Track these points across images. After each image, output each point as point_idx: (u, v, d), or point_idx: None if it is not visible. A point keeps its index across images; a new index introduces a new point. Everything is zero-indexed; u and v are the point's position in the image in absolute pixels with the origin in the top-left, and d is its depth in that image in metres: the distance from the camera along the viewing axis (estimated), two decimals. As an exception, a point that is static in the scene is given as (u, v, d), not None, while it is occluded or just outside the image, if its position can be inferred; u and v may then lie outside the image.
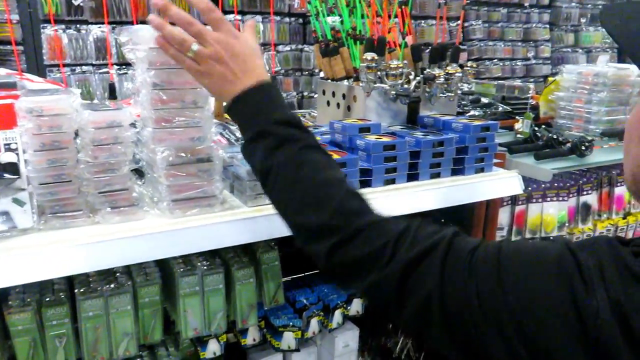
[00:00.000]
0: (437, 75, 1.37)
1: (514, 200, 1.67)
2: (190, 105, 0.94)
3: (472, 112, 1.70)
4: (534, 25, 6.02)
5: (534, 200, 1.70)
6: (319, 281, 1.49)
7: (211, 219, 0.98)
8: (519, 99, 2.08)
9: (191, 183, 0.98)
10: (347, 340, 1.49)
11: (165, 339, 1.22)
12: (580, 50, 6.59)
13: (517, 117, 1.84)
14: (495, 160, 1.36)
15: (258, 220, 1.01)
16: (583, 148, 1.50)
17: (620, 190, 1.93)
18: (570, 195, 1.79)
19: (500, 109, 1.86)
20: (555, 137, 1.57)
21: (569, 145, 1.53)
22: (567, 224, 1.81)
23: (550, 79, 2.09)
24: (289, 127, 0.76)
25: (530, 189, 1.68)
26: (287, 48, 4.32)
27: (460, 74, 1.41)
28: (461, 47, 5.45)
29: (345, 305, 1.44)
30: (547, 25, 6.15)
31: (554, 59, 6.26)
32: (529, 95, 1.90)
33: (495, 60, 5.75)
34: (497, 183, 1.27)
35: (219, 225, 0.98)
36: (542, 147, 1.57)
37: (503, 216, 1.66)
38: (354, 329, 1.50)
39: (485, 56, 5.63)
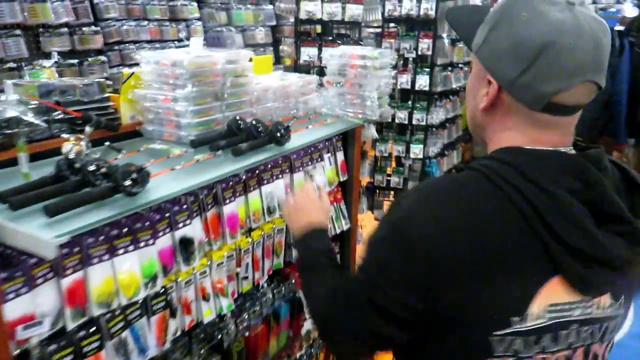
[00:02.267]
0: None
1: (57, 270, 1.12)
2: None
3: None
4: (179, 3, 5.70)
5: (93, 261, 1.19)
6: None
7: None
8: (88, 102, 1.53)
9: None
10: None
11: None
12: (235, 29, 6.65)
13: (64, 136, 1.28)
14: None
15: None
16: (129, 183, 1.03)
17: (232, 208, 1.61)
18: (158, 235, 1.36)
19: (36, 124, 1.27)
20: (93, 169, 1.07)
21: (116, 180, 1.05)
22: (162, 274, 1.37)
23: (126, 72, 1.60)
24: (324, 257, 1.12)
25: (80, 247, 1.15)
26: None
27: None
28: (94, 28, 4.73)
29: None
30: (195, 3, 5.93)
31: (208, 39, 6.11)
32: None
33: (143, 43, 5.22)
34: None
35: None
36: (74, 188, 1.04)
37: (42, 300, 1.09)
38: None
39: (129, 38, 5.03)
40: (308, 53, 2.57)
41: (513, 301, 0.77)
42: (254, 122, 1.54)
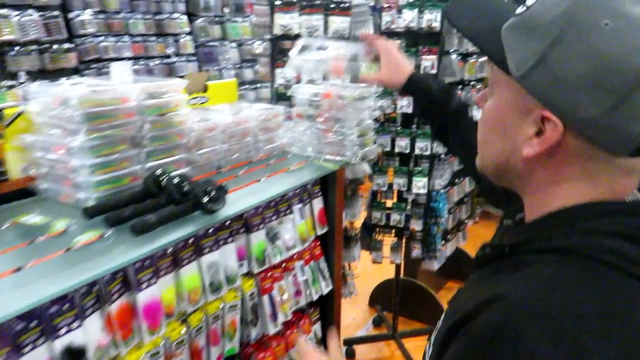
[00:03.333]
0: None
1: None
2: None
3: None
4: (167, 15, 5.38)
5: None
6: None
7: None
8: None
9: None
10: None
11: None
12: (231, 44, 6.32)
13: None
14: None
15: None
16: None
17: (152, 293, 1.21)
18: (23, 352, 0.96)
19: None
20: None
21: None
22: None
23: (9, 112, 1.22)
24: None
25: None
26: None
27: None
28: (68, 45, 4.40)
29: None
30: (184, 17, 5.61)
31: (200, 55, 5.78)
32: None
33: (124, 60, 4.89)
34: None
35: None
36: None
37: None
38: None
39: (108, 56, 4.70)
40: (284, 75, 2.19)
41: None
42: (175, 180, 1.14)
